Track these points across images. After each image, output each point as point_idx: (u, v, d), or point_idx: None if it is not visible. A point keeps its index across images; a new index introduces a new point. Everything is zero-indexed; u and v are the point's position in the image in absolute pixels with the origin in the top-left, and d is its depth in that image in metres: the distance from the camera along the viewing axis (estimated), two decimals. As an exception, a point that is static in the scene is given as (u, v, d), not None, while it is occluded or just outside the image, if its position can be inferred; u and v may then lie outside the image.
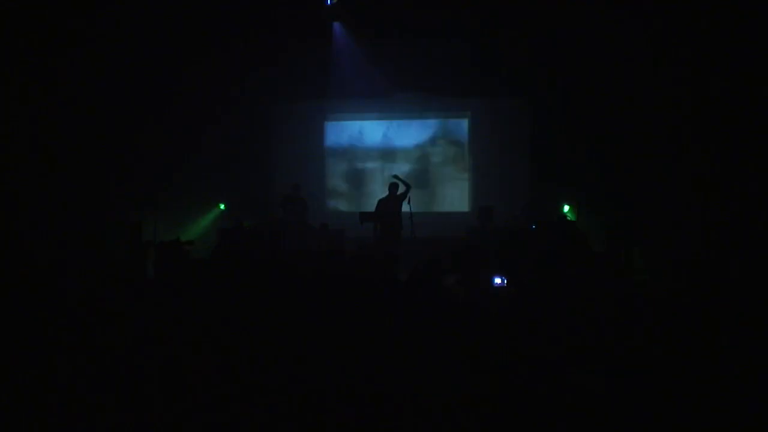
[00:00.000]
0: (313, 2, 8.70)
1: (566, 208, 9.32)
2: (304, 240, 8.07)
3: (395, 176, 8.40)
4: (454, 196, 10.37)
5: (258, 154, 10.15)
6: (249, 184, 9.92)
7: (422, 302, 3.59)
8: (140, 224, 7.11)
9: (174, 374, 2.88)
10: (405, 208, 8.12)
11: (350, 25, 9.30)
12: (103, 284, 4.45)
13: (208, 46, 8.70)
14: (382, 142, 10.46)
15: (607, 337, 3.32)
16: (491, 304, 3.75)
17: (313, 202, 9.50)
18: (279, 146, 10.32)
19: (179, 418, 2.67)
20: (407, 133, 10.44)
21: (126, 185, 8.14)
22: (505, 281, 4.54)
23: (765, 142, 6.23)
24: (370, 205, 9.28)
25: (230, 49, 8.87)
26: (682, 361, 3.06)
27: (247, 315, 3.42)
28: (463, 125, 10.42)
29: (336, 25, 9.39)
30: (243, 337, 3.18)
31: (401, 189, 8.27)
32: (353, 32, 9.36)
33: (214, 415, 2.69)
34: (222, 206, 9.89)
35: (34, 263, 4.72)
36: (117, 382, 2.90)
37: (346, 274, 4.08)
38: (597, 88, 8.59)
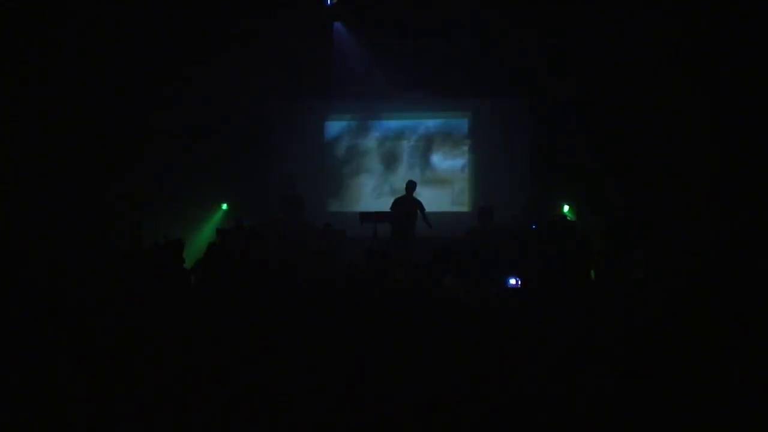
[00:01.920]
0: (313, 2, 8.69)
1: (566, 208, 9.32)
2: (303, 239, 8.06)
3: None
4: (454, 196, 10.37)
5: (258, 154, 10.15)
6: (249, 183, 9.92)
7: (422, 303, 3.58)
8: (140, 224, 7.09)
9: (174, 375, 2.87)
10: None
11: (350, 25, 9.29)
12: (102, 285, 4.44)
13: (208, 46, 8.69)
14: (382, 142, 10.45)
15: (609, 338, 3.32)
16: (504, 305, 3.74)
17: (314, 202, 9.50)
18: (279, 146, 10.32)
19: (179, 419, 2.66)
20: (407, 133, 10.43)
21: (125, 186, 8.12)
22: (520, 282, 4.53)
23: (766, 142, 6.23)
24: (371, 206, 9.29)
25: (230, 49, 8.86)
26: (685, 361, 3.05)
27: (246, 316, 3.41)
28: (463, 125, 10.41)
29: (336, 24, 9.39)
30: (243, 337, 3.18)
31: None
32: (353, 32, 9.35)
33: (214, 417, 2.68)
34: (224, 206, 9.89)
35: (34, 264, 4.72)
36: (117, 383, 2.89)
37: (346, 274, 4.08)
38: (597, 88, 8.59)
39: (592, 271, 5.86)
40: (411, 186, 8.19)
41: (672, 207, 7.39)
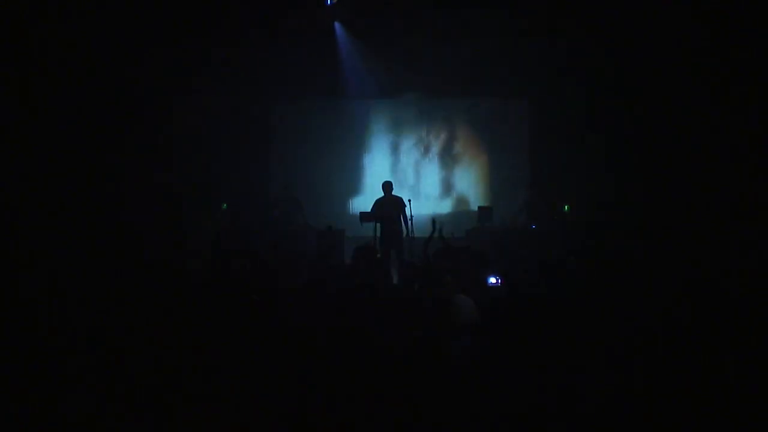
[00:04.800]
0: (313, 2, 8.69)
1: (566, 207, 9.30)
2: (302, 240, 8.07)
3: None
4: (454, 196, 10.37)
5: (259, 154, 10.14)
6: (249, 184, 9.90)
7: (418, 301, 3.58)
8: (141, 225, 7.10)
9: (170, 377, 2.88)
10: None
11: (350, 25, 9.30)
12: (102, 287, 4.43)
13: (208, 47, 8.69)
14: (383, 142, 10.46)
15: (610, 338, 3.31)
16: (485, 304, 3.73)
17: (314, 202, 9.50)
18: (280, 146, 10.32)
19: (176, 422, 2.66)
20: (407, 134, 10.43)
21: (125, 186, 8.11)
22: (500, 281, 4.54)
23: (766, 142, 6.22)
24: (371, 206, 9.28)
25: (230, 49, 8.85)
26: (683, 362, 3.05)
27: (243, 319, 3.41)
28: (463, 125, 10.40)
29: (336, 25, 9.39)
30: (239, 340, 3.18)
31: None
32: (353, 32, 9.35)
33: (212, 417, 2.68)
34: (224, 206, 9.88)
35: (34, 265, 4.72)
36: (116, 384, 2.89)
37: (341, 276, 4.08)
38: (597, 88, 8.59)
39: (591, 271, 5.85)
40: (388, 186, 8.18)
41: (672, 206, 7.38)
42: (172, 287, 4.38)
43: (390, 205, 8.11)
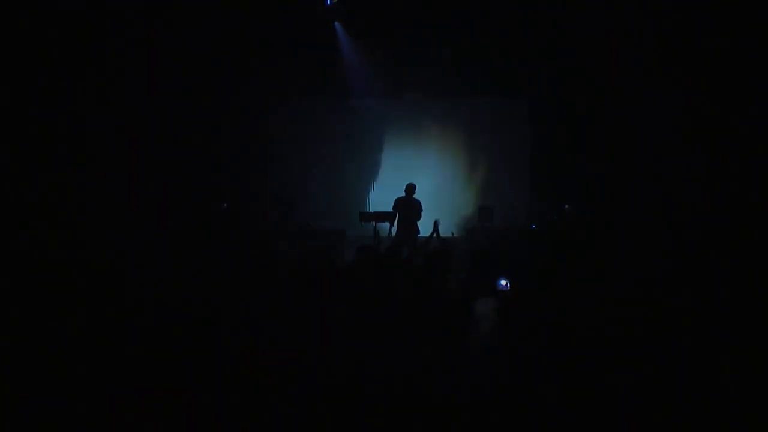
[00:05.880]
0: (313, 2, 8.70)
1: (566, 207, 9.32)
2: (301, 240, 8.09)
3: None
4: (455, 195, 10.38)
5: (259, 154, 10.15)
6: (249, 184, 9.92)
7: (422, 302, 3.59)
8: (142, 223, 7.09)
9: (172, 379, 2.88)
10: None
11: (350, 25, 9.31)
12: (103, 283, 4.43)
13: (208, 47, 8.69)
14: (383, 142, 10.47)
15: (608, 338, 3.32)
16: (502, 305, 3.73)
17: (313, 202, 9.51)
18: (280, 146, 10.33)
19: (173, 420, 2.67)
20: (408, 134, 10.44)
21: (125, 186, 8.11)
22: (509, 284, 4.53)
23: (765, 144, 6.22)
24: (372, 206, 9.32)
25: (230, 50, 8.85)
26: (683, 362, 3.05)
27: (241, 316, 3.42)
28: (464, 125, 10.41)
29: (336, 25, 9.40)
30: (241, 337, 3.18)
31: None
32: (353, 32, 9.37)
33: (210, 417, 2.69)
34: (225, 206, 9.89)
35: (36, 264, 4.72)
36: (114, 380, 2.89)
37: (344, 272, 4.08)
38: (597, 88, 8.59)
39: (591, 270, 5.86)
40: (411, 188, 8.22)
41: (672, 206, 7.39)
42: (171, 286, 4.39)
43: (409, 206, 8.16)
